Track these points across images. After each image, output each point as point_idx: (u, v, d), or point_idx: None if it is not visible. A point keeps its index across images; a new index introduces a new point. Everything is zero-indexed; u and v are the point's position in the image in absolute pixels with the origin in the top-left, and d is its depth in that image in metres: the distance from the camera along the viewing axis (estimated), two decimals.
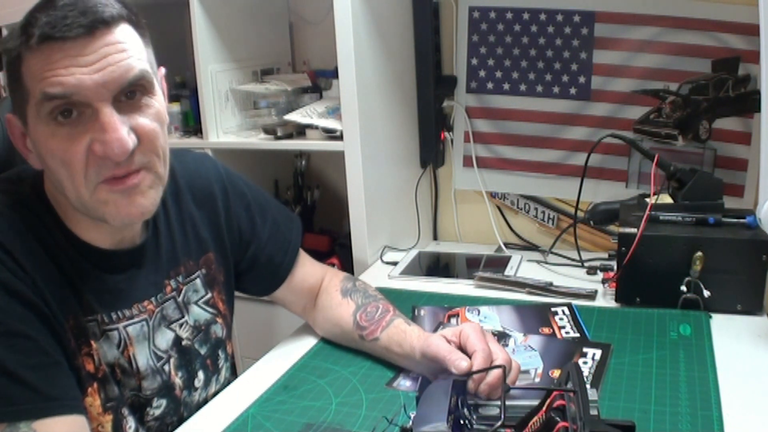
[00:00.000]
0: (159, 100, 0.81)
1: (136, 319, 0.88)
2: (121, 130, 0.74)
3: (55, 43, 0.72)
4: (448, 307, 1.23)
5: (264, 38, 1.79)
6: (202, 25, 1.57)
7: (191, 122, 1.75)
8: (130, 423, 0.86)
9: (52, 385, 0.72)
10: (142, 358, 0.88)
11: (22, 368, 0.70)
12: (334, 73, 1.49)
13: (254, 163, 1.77)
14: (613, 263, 1.27)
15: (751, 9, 1.23)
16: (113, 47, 0.74)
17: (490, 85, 1.66)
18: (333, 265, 1.62)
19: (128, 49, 0.76)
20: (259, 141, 1.60)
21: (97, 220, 0.80)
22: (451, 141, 1.73)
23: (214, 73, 1.62)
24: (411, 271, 1.48)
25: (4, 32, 1.93)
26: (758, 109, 1.21)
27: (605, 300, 1.24)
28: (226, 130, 1.66)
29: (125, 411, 0.85)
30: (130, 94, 0.77)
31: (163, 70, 0.87)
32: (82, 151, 0.74)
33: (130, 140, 0.75)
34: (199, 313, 0.98)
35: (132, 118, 0.77)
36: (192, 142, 1.67)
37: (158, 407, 0.90)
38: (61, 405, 0.73)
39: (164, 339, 0.92)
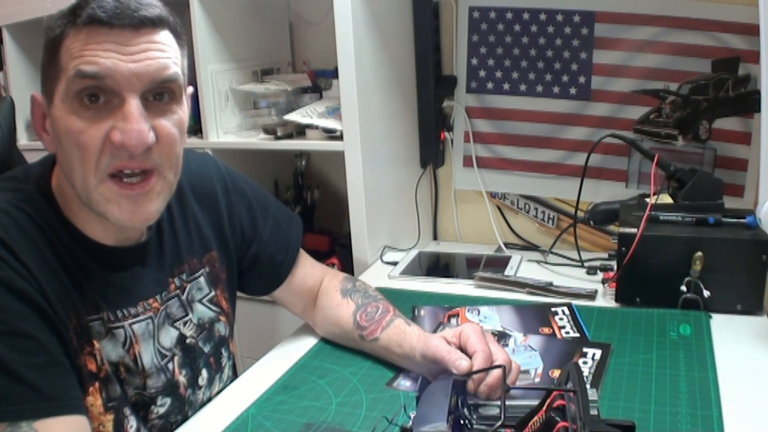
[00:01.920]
0: (184, 111, 0.82)
1: (141, 317, 0.88)
2: (143, 122, 0.75)
3: (101, 27, 0.74)
4: (448, 307, 1.23)
5: (264, 38, 1.79)
6: (202, 25, 1.57)
7: (191, 122, 1.75)
8: (132, 422, 0.86)
9: (53, 385, 0.72)
10: (147, 356, 0.88)
11: (23, 368, 0.70)
12: (334, 73, 1.50)
13: (254, 163, 1.77)
14: (613, 263, 1.27)
15: (751, 9, 1.23)
16: (154, 45, 0.77)
17: (490, 85, 1.66)
18: (333, 265, 1.62)
19: (167, 51, 0.78)
20: (259, 141, 1.60)
21: (97, 214, 0.80)
22: (451, 141, 1.73)
23: (214, 73, 1.62)
24: (411, 271, 1.48)
25: (5, 32, 1.93)
26: (758, 109, 1.21)
27: (605, 300, 1.24)
28: (226, 130, 1.66)
29: (127, 410, 0.85)
30: (159, 95, 0.78)
31: (191, 89, 0.88)
32: (101, 136, 0.75)
33: (150, 136, 0.76)
34: (203, 311, 0.99)
35: (155, 119, 0.78)
36: (192, 142, 1.67)
37: (162, 406, 0.90)
38: (62, 405, 0.72)
39: (168, 337, 0.92)
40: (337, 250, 1.70)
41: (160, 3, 0.79)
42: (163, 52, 0.77)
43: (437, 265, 1.58)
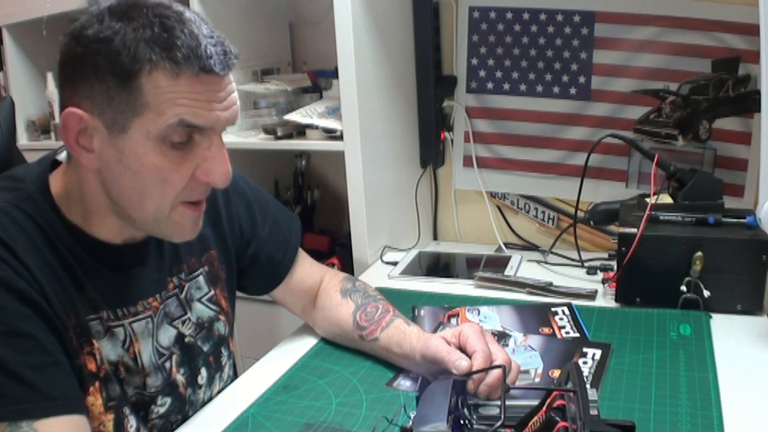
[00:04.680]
0: None
1: (141, 316, 0.88)
2: (228, 163, 0.80)
3: (205, 76, 0.74)
4: (448, 307, 1.23)
5: (264, 38, 1.79)
6: None
7: None
8: (132, 422, 0.86)
9: (53, 385, 0.72)
10: (146, 355, 0.89)
11: (23, 368, 0.70)
12: (334, 73, 1.50)
13: (254, 163, 1.77)
14: (613, 263, 1.27)
15: (751, 9, 1.23)
16: (232, 86, 0.80)
17: (490, 85, 1.66)
18: (333, 265, 1.62)
19: (236, 90, 0.81)
20: (259, 141, 1.60)
21: (159, 235, 0.85)
22: (451, 141, 1.73)
23: None
24: (411, 271, 1.48)
25: (5, 32, 1.93)
26: (758, 109, 1.21)
27: (605, 300, 1.24)
28: (226, 130, 1.66)
29: (127, 410, 0.85)
30: None
31: None
32: (187, 174, 0.78)
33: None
34: (202, 310, 0.99)
35: None
36: None
37: (162, 405, 0.90)
38: (62, 405, 0.73)
39: (167, 336, 0.92)
40: (337, 250, 1.70)
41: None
42: (235, 92, 0.80)
43: (437, 265, 1.58)
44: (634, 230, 1.15)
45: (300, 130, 1.59)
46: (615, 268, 1.23)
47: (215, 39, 0.76)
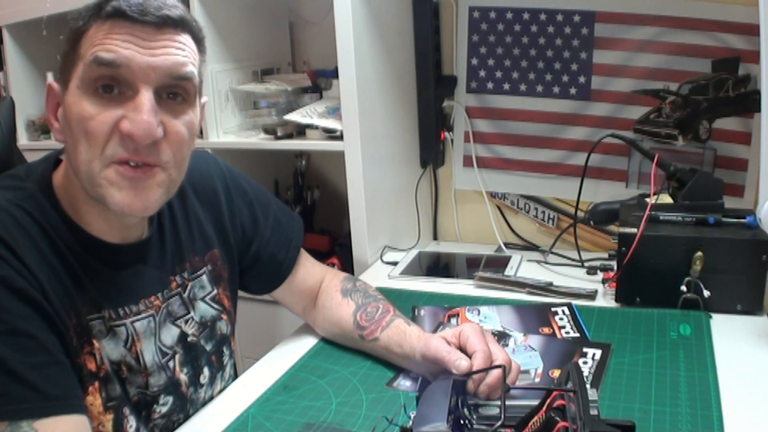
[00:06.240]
0: (196, 115, 0.83)
1: (143, 315, 0.88)
2: (152, 115, 0.76)
3: (124, 21, 0.75)
4: (448, 307, 1.23)
5: (264, 38, 1.79)
6: (202, 25, 1.57)
7: None
8: (132, 422, 0.86)
9: (53, 385, 0.72)
10: (149, 354, 0.88)
11: (23, 367, 0.70)
12: (334, 73, 1.50)
13: (254, 163, 1.77)
14: (613, 263, 1.27)
15: (751, 9, 1.23)
16: (174, 44, 0.78)
17: (490, 85, 1.66)
18: (333, 265, 1.62)
19: (186, 51, 0.79)
20: (259, 141, 1.60)
21: (97, 200, 0.79)
22: (451, 141, 1.73)
23: (214, 73, 1.62)
24: (411, 271, 1.48)
25: (5, 32, 1.93)
26: (758, 109, 1.21)
27: (605, 300, 1.24)
28: (226, 130, 1.66)
29: (127, 410, 0.85)
30: (172, 95, 0.79)
31: (205, 98, 0.89)
32: (109, 123, 0.75)
33: (158, 130, 0.77)
34: (205, 309, 0.99)
35: (166, 116, 0.78)
36: None
37: (165, 405, 0.90)
38: (62, 404, 0.72)
39: (170, 335, 0.92)
40: (337, 250, 1.70)
41: (184, 8, 0.80)
42: (182, 50, 0.78)
43: (437, 265, 1.58)
44: (634, 230, 1.15)
45: (300, 130, 1.59)
46: (615, 268, 1.23)
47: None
